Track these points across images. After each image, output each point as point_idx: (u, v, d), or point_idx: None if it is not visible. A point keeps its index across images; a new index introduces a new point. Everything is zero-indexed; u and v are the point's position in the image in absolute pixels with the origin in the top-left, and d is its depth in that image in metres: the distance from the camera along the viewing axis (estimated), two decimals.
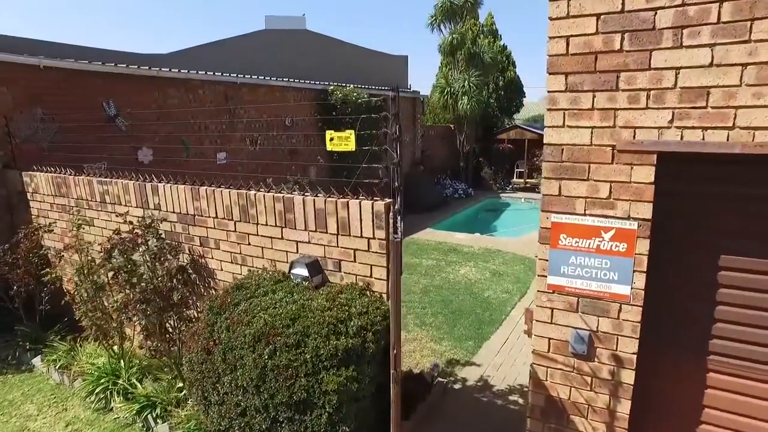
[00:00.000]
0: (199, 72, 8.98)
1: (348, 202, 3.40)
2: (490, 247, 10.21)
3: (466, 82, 17.11)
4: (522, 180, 19.71)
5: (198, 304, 4.52)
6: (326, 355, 2.83)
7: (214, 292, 4.39)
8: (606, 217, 2.54)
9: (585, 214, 2.60)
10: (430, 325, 6.39)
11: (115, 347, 4.68)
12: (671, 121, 2.30)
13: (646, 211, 2.44)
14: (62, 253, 5.06)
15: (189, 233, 4.43)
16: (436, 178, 17.06)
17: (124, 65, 7.79)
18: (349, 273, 3.50)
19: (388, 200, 3.33)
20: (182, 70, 8.68)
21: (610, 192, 2.51)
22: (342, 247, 3.50)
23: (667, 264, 2.58)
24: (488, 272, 8.53)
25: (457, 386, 4.95)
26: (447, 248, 10.11)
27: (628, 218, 2.49)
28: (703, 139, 2.25)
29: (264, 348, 2.91)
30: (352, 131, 3.54)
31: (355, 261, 3.46)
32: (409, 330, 6.22)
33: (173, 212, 4.48)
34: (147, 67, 8.04)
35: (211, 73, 9.17)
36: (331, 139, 3.57)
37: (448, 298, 7.33)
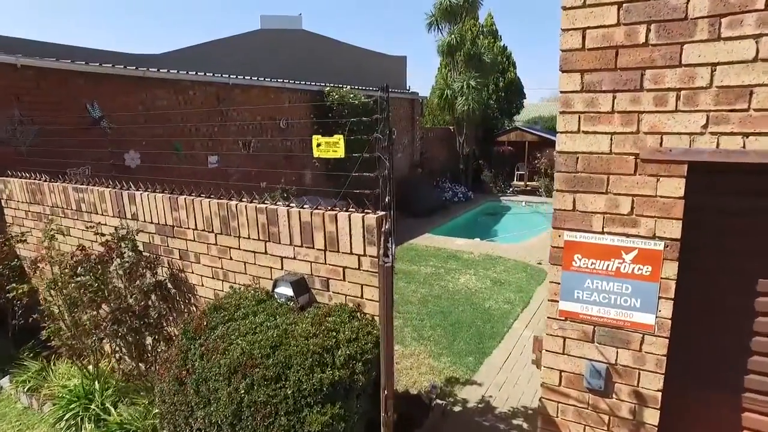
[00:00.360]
0: (190, 72, 8.66)
1: (336, 215, 3.07)
2: (490, 253, 9.89)
3: (466, 83, 16.81)
4: (522, 183, 19.40)
5: (178, 321, 4.19)
6: (310, 390, 2.50)
7: (195, 309, 4.07)
8: (627, 235, 2.22)
9: (603, 232, 2.28)
10: (429, 338, 6.06)
11: (90, 367, 4.36)
12: (705, 126, 1.98)
13: (674, 229, 2.12)
14: (38, 264, 4.73)
15: (168, 246, 4.11)
16: (436, 181, 16.75)
17: (110, 65, 7.47)
18: (338, 293, 3.18)
19: (381, 213, 3.00)
20: (171, 70, 8.36)
21: (633, 207, 2.19)
22: (330, 265, 3.17)
23: (697, 289, 2.26)
24: (489, 281, 8.20)
25: (456, 408, 4.62)
26: (446, 255, 9.78)
27: (653, 237, 2.17)
28: (744, 147, 1.93)
29: (240, 381, 2.59)
30: (341, 136, 3.23)
31: (344, 280, 3.13)
32: (407, 344, 5.89)
33: (151, 222, 4.15)
34: (134, 67, 7.72)
35: (202, 73, 8.86)
36: (318, 145, 3.26)
37: (448, 309, 7.00)
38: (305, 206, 3.32)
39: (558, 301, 2.46)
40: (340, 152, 3.21)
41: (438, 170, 17.65)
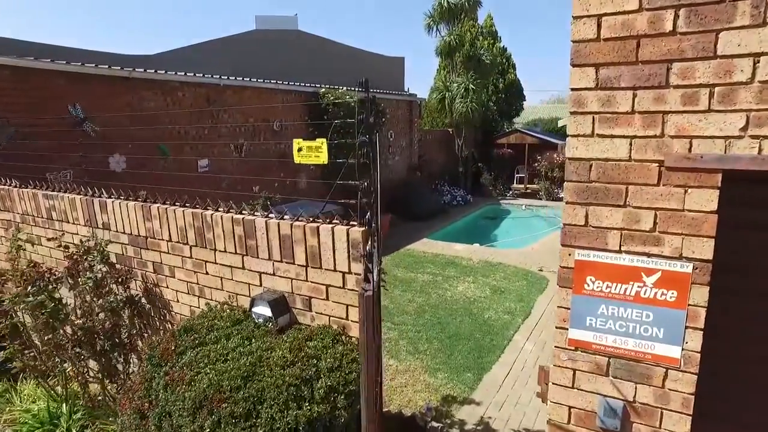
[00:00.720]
0: (178, 73, 8.36)
1: (318, 227, 2.77)
2: (490, 259, 9.58)
3: (465, 84, 16.53)
4: (522, 186, 19.12)
5: (154, 339, 3.88)
6: (283, 430, 2.19)
7: (170, 326, 3.76)
8: (649, 255, 1.92)
9: (620, 251, 1.97)
10: (425, 352, 5.74)
11: (59, 388, 4.04)
12: (744, 129, 1.68)
13: (704, 248, 1.81)
14: (7, 275, 4.42)
15: (141, 258, 3.80)
16: (434, 184, 16.45)
17: (93, 65, 7.17)
18: (322, 313, 2.87)
19: (368, 226, 2.69)
20: (159, 71, 8.07)
21: (655, 222, 1.88)
22: (312, 282, 2.86)
23: (731, 318, 1.96)
24: (488, 289, 7.89)
25: (453, 431, 4.31)
26: (444, 261, 9.47)
27: (680, 258, 1.86)
28: None
29: (206, 418, 2.28)
30: (324, 140, 2.92)
31: (327, 299, 2.83)
32: (402, 359, 5.57)
33: (124, 232, 3.84)
34: (119, 67, 7.42)
35: (192, 74, 8.56)
36: (299, 150, 2.95)
37: (445, 319, 6.69)
38: (285, 216, 3.01)
39: (567, 329, 2.15)
40: (322, 158, 2.90)
41: (437, 173, 17.36)
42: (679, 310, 1.90)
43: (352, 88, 12.52)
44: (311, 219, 2.90)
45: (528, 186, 18.92)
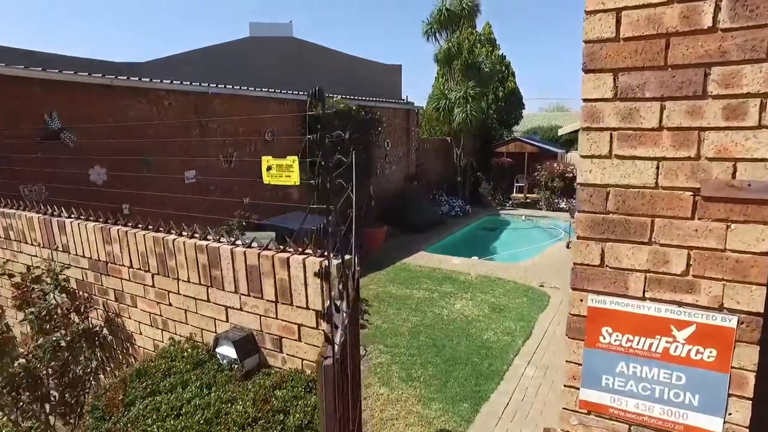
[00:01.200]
0: (164, 81, 8.03)
1: (288, 258, 2.41)
2: (488, 274, 9.20)
3: (463, 92, 16.24)
4: (522, 195, 18.80)
5: (117, 373, 3.51)
6: None
7: (133, 360, 3.39)
8: (681, 304, 1.56)
9: (644, 298, 1.61)
10: (419, 379, 5.36)
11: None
12: None
13: (753, 298, 1.45)
14: None
15: (102, 284, 3.44)
16: (432, 194, 16.11)
17: (71, 72, 6.84)
18: (293, 356, 2.51)
19: (346, 256, 2.33)
20: (144, 79, 7.74)
21: (689, 265, 1.52)
22: (283, 320, 2.50)
23: None
24: (487, 306, 7.52)
25: None
26: (441, 276, 9.10)
27: (721, 309, 1.50)
28: None
29: None
30: (295, 158, 2.58)
31: (300, 340, 2.46)
32: (393, 387, 5.19)
33: (84, 256, 3.48)
34: (100, 75, 7.08)
35: (178, 82, 8.23)
36: (269, 168, 2.60)
37: (441, 341, 6.31)
38: (254, 244, 2.65)
39: (578, 388, 1.79)
40: (294, 178, 2.56)
41: (434, 182, 17.02)
42: (720, 373, 1.53)
43: (347, 96, 12.21)
44: (281, 248, 2.54)
45: (528, 195, 18.60)
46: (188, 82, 8.35)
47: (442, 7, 16.25)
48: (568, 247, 11.24)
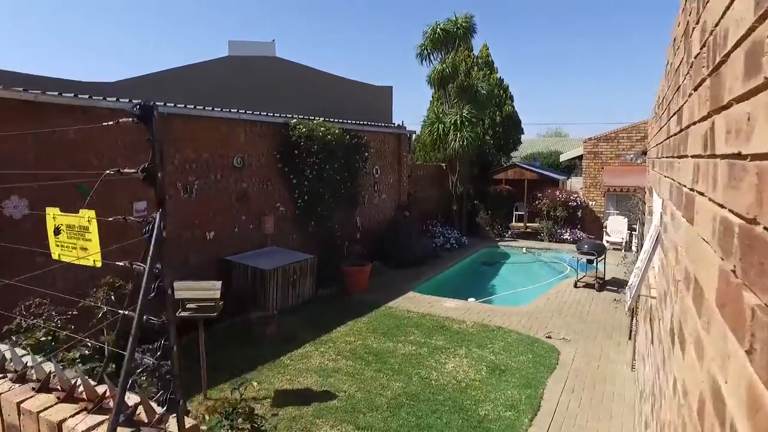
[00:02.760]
0: (108, 99, 6.94)
1: (60, 424, 1.18)
2: (486, 321, 7.96)
3: (459, 116, 15.24)
4: (522, 224, 17.64)
5: None
6: None
7: None
8: None
9: None
10: None
11: None
12: None
13: None
14: None
15: None
16: (425, 225, 14.93)
17: None
18: None
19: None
20: (81, 95, 6.63)
21: None
22: None
23: None
24: (485, 367, 6.26)
25: None
26: (432, 324, 7.84)
27: None
28: None
29: None
30: (93, 212, 1.39)
31: None
32: None
33: None
34: (21, 89, 5.97)
35: (126, 100, 7.13)
36: (57, 232, 1.41)
37: (427, 419, 5.03)
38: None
39: None
40: (92, 250, 1.35)
41: (428, 212, 15.87)
42: None
43: (331, 120, 11.16)
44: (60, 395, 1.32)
45: (528, 225, 17.45)
46: (137, 100, 7.23)
47: (435, 26, 15.39)
48: (576, 286, 10.01)
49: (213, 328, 7.37)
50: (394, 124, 14.34)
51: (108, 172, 1.75)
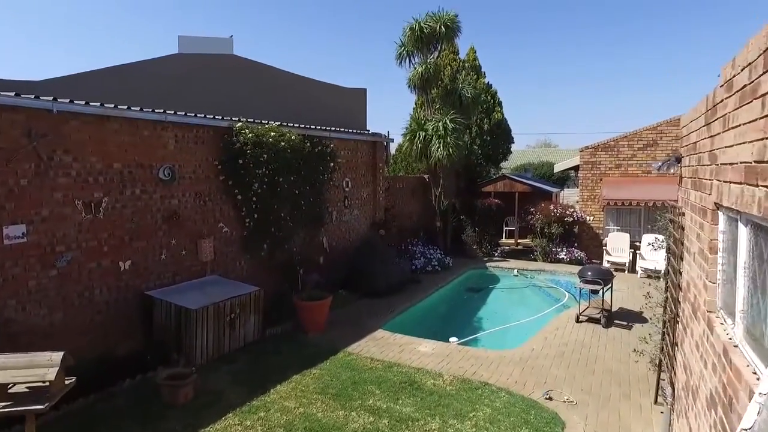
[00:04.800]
0: None
1: None
2: (470, 375, 6.29)
3: (442, 123, 13.69)
4: (512, 241, 16.08)
5: None
6: None
7: None
8: None
9: None
10: None
11: None
12: None
13: None
14: None
15: None
16: (404, 245, 13.28)
17: None
18: None
19: None
20: None
21: None
22: None
23: None
24: None
25: None
26: (400, 379, 6.16)
27: None
28: None
29: None
30: None
31: None
32: None
33: None
34: None
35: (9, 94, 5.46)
36: None
37: None
38: None
39: None
40: None
41: (408, 229, 14.24)
42: None
43: (289, 124, 9.54)
44: None
45: (519, 241, 15.88)
46: (11, 93, 5.56)
47: (415, 25, 13.88)
48: (578, 320, 8.38)
49: (105, 393, 5.65)
50: (368, 130, 12.75)
51: None
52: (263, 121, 8.95)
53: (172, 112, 7.39)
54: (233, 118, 8.42)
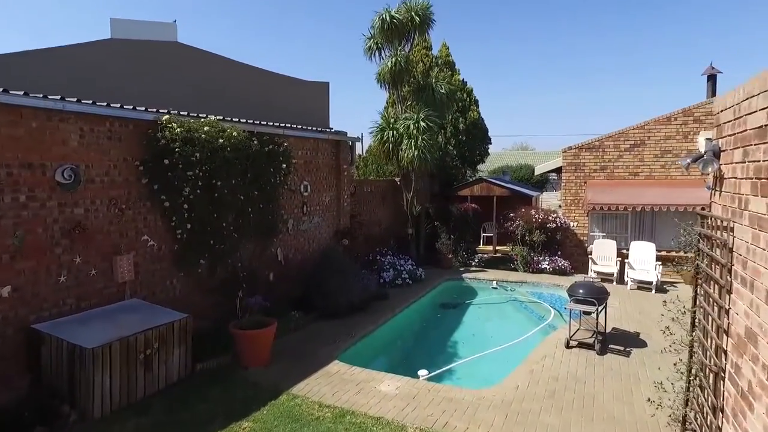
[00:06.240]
0: None
1: None
2: (440, 427, 5.02)
3: (414, 121, 12.49)
4: (491, 248, 15.04)
5: None
6: None
7: None
8: None
9: None
10: None
11: None
12: None
13: None
14: None
15: None
16: (371, 256, 12.00)
17: None
18: None
19: None
20: None
21: None
22: None
23: None
24: None
25: None
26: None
27: None
28: None
29: None
30: None
31: None
32: None
33: None
34: None
35: None
36: None
37: None
38: None
39: None
40: None
41: (377, 238, 12.97)
42: None
43: (233, 119, 8.18)
44: None
45: (498, 248, 14.82)
46: None
47: (385, 15, 12.66)
48: (568, 346, 7.21)
49: None
50: (331, 128, 11.44)
51: None
52: (200, 115, 7.58)
53: (75, 99, 5.96)
54: (160, 110, 7.02)
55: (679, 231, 4.76)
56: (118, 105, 6.42)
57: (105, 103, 6.25)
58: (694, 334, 3.78)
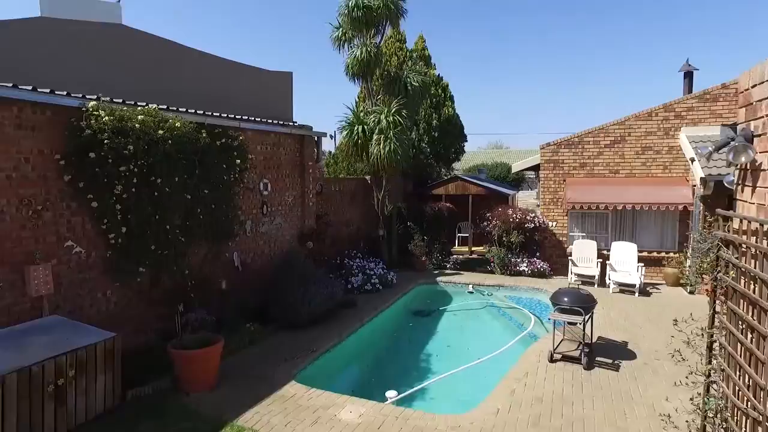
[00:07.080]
0: None
1: None
2: None
3: (384, 116, 11.72)
4: (466, 249, 14.39)
5: None
6: None
7: None
8: None
9: None
10: None
11: None
12: None
13: None
14: None
15: None
16: (341, 258, 11.18)
17: None
18: None
19: None
20: None
21: None
22: None
23: None
24: None
25: None
26: None
27: None
28: None
29: None
30: None
31: None
32: None
33: None
34: None
35: None
36: None
37: None
38: None
39: None
40: None
41: (346, 240, 12.15)
42: None
43: (180, 109, 7.26)
44: None
45: (473, 249, 14.15)
46: None
47: (351, 2, 11.84)
48: (552, 360, 6.52)
49: None
50: (294, 122, 10.56)
51: None
52: (138, 103, 6.64)
53: None
54: (87, 96, 6.06)
55: (692, 236, 4.08)
56: (30, 87, 5.45)
57: (10, 84, 5.27)
58: (714, 362, 3.09)
